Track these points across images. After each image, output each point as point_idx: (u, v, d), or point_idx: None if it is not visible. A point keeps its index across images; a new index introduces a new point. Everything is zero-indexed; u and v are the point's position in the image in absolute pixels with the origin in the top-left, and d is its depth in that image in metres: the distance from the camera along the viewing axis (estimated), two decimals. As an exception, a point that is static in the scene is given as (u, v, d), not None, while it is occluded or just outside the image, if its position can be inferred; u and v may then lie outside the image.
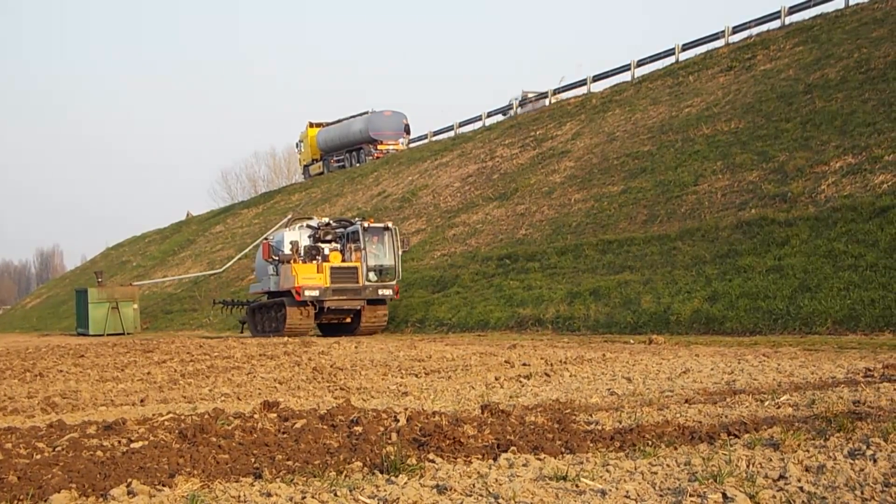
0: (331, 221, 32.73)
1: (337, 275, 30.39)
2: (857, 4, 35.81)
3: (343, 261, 30.99)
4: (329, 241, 31.80)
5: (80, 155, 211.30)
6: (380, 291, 30.65)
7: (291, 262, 30.22)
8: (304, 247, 31.12)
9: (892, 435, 6.44)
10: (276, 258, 30.98)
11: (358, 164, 63.20)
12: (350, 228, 31.77)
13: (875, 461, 5.81)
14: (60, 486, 5.97)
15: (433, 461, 6.46)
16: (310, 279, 29.95)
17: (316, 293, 29.88)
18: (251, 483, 6.11)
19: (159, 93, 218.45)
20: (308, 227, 32.52)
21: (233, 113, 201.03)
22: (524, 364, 14.51)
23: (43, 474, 6.37)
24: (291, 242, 30.92)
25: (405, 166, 54.60)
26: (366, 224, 31.42)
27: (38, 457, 7.04)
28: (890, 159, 22.87)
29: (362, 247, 30.77)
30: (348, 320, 31.94)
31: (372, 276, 30.80)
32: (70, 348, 24.57)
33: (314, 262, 30.68)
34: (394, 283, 31.05)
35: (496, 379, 12.60)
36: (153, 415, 9.23)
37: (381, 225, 31.94)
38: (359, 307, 30.87)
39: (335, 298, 30.29)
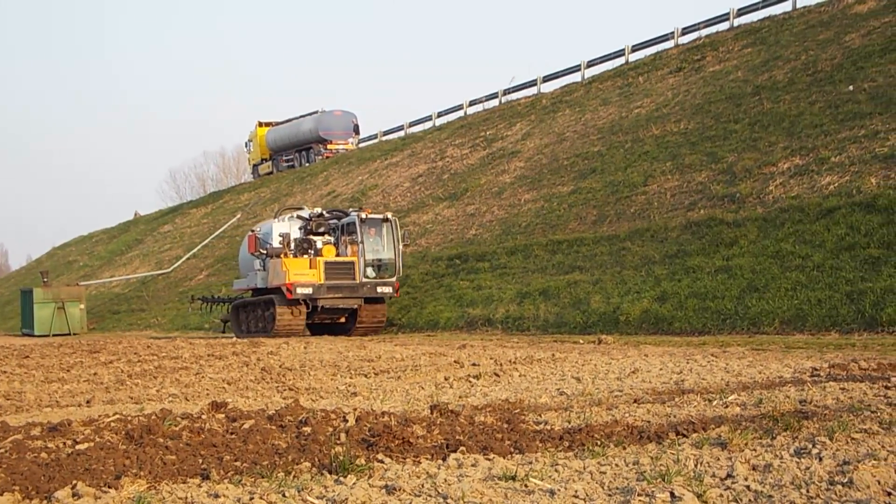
0: (324, 212, 30.29)
1: (332, 270, 28.08)
2: (804, 7, 36.25)
3: (338, 255, 28.71)
4: (322, 234, 29.45)
5: (23, 154, 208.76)
6: (379, 289, 28.34)
7: (281, 256, 28.01)
8: (295, 239, 28.84)
9: (838, 434, 6.50)
10: (264, 252, 28.61)
11: (307, 164, 63.14)
12: (345, 220, 29.49)
13: (821, 460, 5.85)
14: (3, 489, 5.87)
15: (382, 461, 6.43)
16: (302, 275, 27.65)
17: (309, 291, 27.59)
18: (198, 484, 6.04)
19: (109, 91, 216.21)
20: (298, 217, 30.06)
21: (181, 112, 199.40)
22: (473, 364, 14.50)
23: (-15, 477, 6.26)
24: (281, 235, 28.73)
25: (355, 166, 54.55)
26: (363, 215, 28.94)
27: (-19, 459, 6.93)
28: (836, 161, 23.12)
29: (359, 240, 28.44)
30: (343, 320, 29.72)
31: (370, 271, 28.57)
32: (14, 349, 24.23)
33: (306, 256, 28.41)
34: (394, 279, 28.84)
35: (445, 379, 12.59)
36: (99, 416, 9.11)
37: (380, 216, 29.44)
38: (356, 306, 28.64)
39: (330, 297, 28.02)
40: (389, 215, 29.54)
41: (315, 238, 29.18)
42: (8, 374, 16.30)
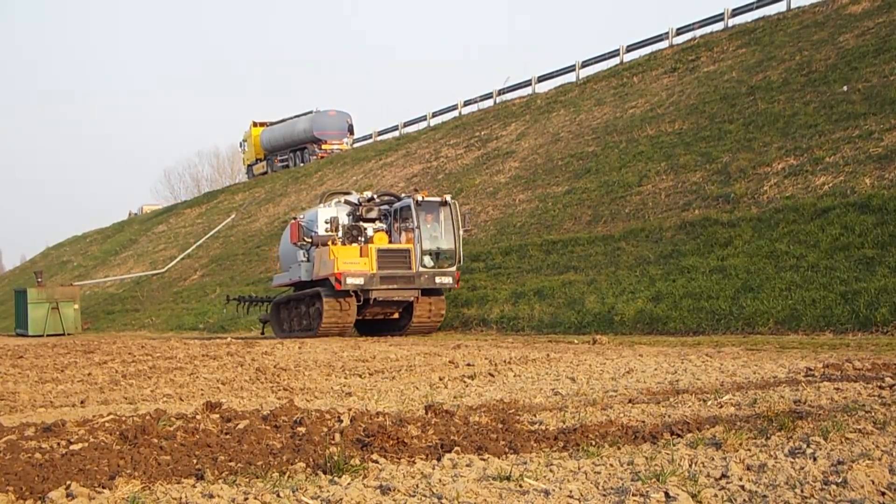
0: (374, 196, 27.73)
1: (385, 259, 25.44)
2: (799, 7, 36.26)
3: (391, 242, 26.32)
4: (372, 220, 26.98)
5: (16, 154, 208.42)
6: (437, 279, 25.61)
7: (329, 243, 25.43)
8: (343, 226, 26.30)
9: (833, 434, 6.50)
10: (309, 241, 26.23)
11: (302, 164, 63.08)
12: (398, 204, 26.82)
13: (815, 459, 5.85)
14: (-3, 489, 5.87)
15: (377, 462, 6.42)
16: (352, 264, 25.02)
17: (360, 281, 24.93)
18: (193, 484, 6.03)
19: (103, 90, 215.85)
20: (346, 203, 27.55)
21: (176, 111, 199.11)
22: (468, 364, 14.48)
23: (-21, 477, 6.25)
24: (328, 221, 26.08)
25: (349, 166, 54.52)
26: (419, 198, 26.02)
27: (-25, 459, 6.91)
28: (831, 161, 23.15)
29: (415, 225, 25.74)
30: (396, 316, 27.04)
31: (427, 260, 25.79)
32: (9, 349, 24.20)
33: (356, 244, 25.90)
34: (454, 269, 26.07)
35: (440, 379, 12.57)
36: (93, 416, 9.09)
37: (438, 199, 26.67)
38: (411, 299, 25.82)
39: (384, 288, 25.32)
40: (448, 198, 26.90)
41: (365, 225, 26.81)
42: (2, 375, 16.27)
